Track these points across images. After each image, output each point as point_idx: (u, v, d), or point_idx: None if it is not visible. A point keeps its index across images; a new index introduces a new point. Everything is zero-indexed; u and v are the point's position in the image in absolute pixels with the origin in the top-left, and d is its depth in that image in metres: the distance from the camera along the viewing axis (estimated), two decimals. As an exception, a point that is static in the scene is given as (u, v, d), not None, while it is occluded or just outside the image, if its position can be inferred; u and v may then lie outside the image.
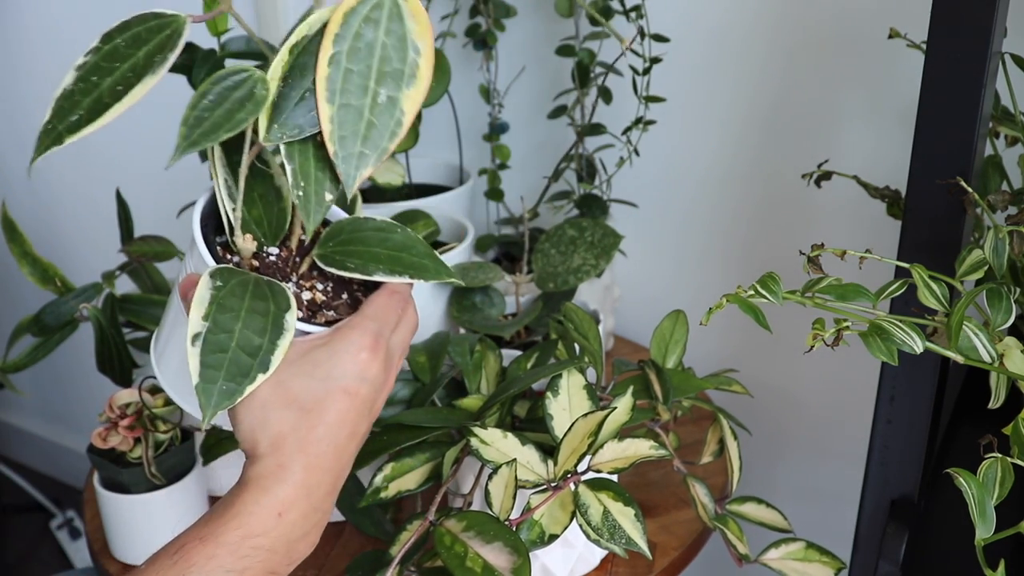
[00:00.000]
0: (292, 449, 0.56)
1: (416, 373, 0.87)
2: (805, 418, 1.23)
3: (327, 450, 0.57)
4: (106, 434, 0.85)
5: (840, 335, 0.56)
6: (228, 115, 0.55)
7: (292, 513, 0.56)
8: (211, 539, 0.54)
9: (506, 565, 0.65)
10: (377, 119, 0.59)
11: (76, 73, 0.53)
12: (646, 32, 1.06)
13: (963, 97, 0.59)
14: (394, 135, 0.60)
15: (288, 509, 0.56)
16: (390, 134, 0.59)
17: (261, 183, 0.63)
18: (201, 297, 0.55)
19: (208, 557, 0.54)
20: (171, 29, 0.55)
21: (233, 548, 0.54)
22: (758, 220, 1.16)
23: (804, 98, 1.08)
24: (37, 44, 1.61)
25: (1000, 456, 0.56)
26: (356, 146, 0.59)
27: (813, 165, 0.96)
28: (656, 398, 0.80)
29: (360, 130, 0.59)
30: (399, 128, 0.60)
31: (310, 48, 0.59)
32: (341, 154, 0.58)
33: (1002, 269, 0.62)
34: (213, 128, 0.54)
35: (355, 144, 0.59)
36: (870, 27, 0.96)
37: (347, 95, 0.59)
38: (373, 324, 0.58)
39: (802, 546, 0.77)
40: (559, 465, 0.71)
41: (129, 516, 0.87)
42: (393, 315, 0.60)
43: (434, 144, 1.24)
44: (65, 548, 1.89)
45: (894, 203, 0.88)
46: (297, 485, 0.56)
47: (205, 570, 0.53)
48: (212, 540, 0.54)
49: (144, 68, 0.54)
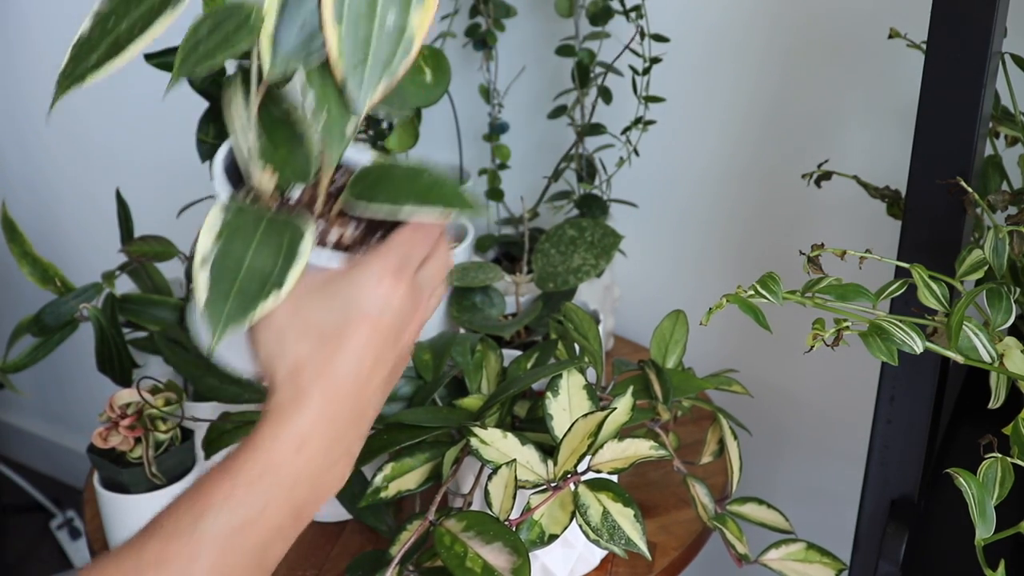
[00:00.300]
0: (310, 377, 0.54)
1: (419, 370, 0.87)
2: (805, 418, 1.23)
3: (348, 378, 0.55)
4: (106, 434, 0.85)
5: (840, 335, 0.56)
6: (224, 39, 0.53)
7: (313, 444, 0.54)
8: (228, 478, 0.52)
9: (506, 565, 0.65)
10: (386, 40, 0.57)
11: (93, 20, 0.52)
12: (646, 32, 1.06)
13: (963, 97, 0.59)
14: (405, 55, 0.57)
15: (308, 440, 0.54)
16: (401, 55, 0.57)
17: (283, 128, 0.60)
18: (212, 223, 0.52)
19: (225, 497, 0.52)
20: None
21: (251, 486, 0.52)
22: (758, 220, 1.16)
23: (804, 98, 1.08)
24: (39, 44, 1.61)
25: (1000, 456, 0.56)
26: (365, 70, 0.56)
27: (813, 165, 0.96)
28: (656, 398, 0.80)
29: (368, 52, 0.57)
30: (410, 47, 0.57)
31: None
32: (349, 76, 0.56)
33: (1002, 269, 0.62)
34: (208, 54, 0.52)
35: (363, 68, 0.56)
36: (870, 27, 0.96)
37: (354, 14, 0.56)
38: (397, 252, 0.56)
39: (802, 547, 0.77)
40: (559, 465, 0.71)
41: (129, 516, 0.87)
42: (420, 247, 0.58)
43: (434, 144, 1.24)
44: (65, 548, 1.89)
45: (894, 203, 0.88)
46: (317, 413, 0.54)
47: (223, 510, 0.52)
48: (229, 479, 0.52)
49: (161, 7, 0.53)
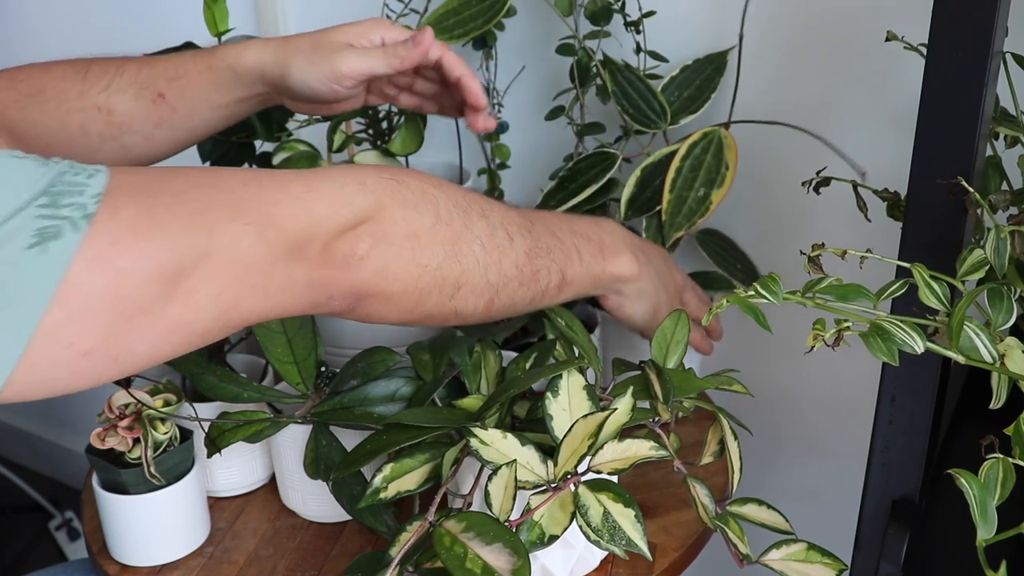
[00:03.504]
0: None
1: (419, 370, 0.87)
2: (806, 418, 1.23)
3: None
4: (105, 434, 0.85)
5: (841, 335, 0.56)
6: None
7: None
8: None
9: (506, 566, 0.65)
10: (693, 204, 1.00)
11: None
12: (642, 47, 1.07)
13: (965, 97, 0.59)
14: (701, 214, 1.00)
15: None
16: (699, 214, 1.00)
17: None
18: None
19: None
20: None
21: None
22: (758, 219, 1.16)
23: (804, 98, 1.08)
24: (40, 44, 1.61)
25: (1001, 457, 0.56)
26: (677, 218, 1.00)
27: (813, 165, 0.96)
28: (656, 398, 0.80)
29: (682, 210, 1.00)
30: (705, 211, 1.00)
31: (663, 161, 1.03)
32: (667, 221, 1.01)
33: (1003, 269, 0.62)
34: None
35: (676, 217, 1.00)
36: (869, 27, 0.96)
37: (678, 187, 1.01)
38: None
39: (803, 547, 0.77)
40: (559, 466, 0.71)
41: (128, 517, 0.87)
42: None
43: (434, 144, 1.24)
44: (64, 549, 1.89)
45: (894, 205, 0.88)
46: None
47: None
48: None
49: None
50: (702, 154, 1.02)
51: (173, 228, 0.53)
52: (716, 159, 1.02)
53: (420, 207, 0.66)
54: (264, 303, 0.59)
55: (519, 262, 0.72)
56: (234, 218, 0.56)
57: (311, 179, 0.62)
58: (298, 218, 0.59)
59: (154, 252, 0.52)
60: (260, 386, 0.90)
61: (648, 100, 1.05)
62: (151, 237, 0.52)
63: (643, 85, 1.05)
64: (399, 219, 0.65)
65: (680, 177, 1.01)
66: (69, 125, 0.82)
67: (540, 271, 0.74)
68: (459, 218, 0.69)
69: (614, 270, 0.83)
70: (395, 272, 0.65)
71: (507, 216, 0.73)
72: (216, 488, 0.96)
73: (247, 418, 0.86)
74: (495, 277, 0.71)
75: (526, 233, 0.74)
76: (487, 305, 0.72)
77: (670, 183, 1.01)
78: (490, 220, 0.71)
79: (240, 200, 0.57)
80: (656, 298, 0.88)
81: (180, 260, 0.53)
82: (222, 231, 0.55)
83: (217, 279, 0.55)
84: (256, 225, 0.57)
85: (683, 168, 1.02)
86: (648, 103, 1.05)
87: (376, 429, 0.81)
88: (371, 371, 0.88)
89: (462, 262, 0.68)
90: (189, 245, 0.53)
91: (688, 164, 1.02)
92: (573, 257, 0.78)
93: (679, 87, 1.08)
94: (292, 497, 0.94)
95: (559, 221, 0.81)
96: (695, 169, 1.01)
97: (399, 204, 0.65)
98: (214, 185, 0.57)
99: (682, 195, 1.01)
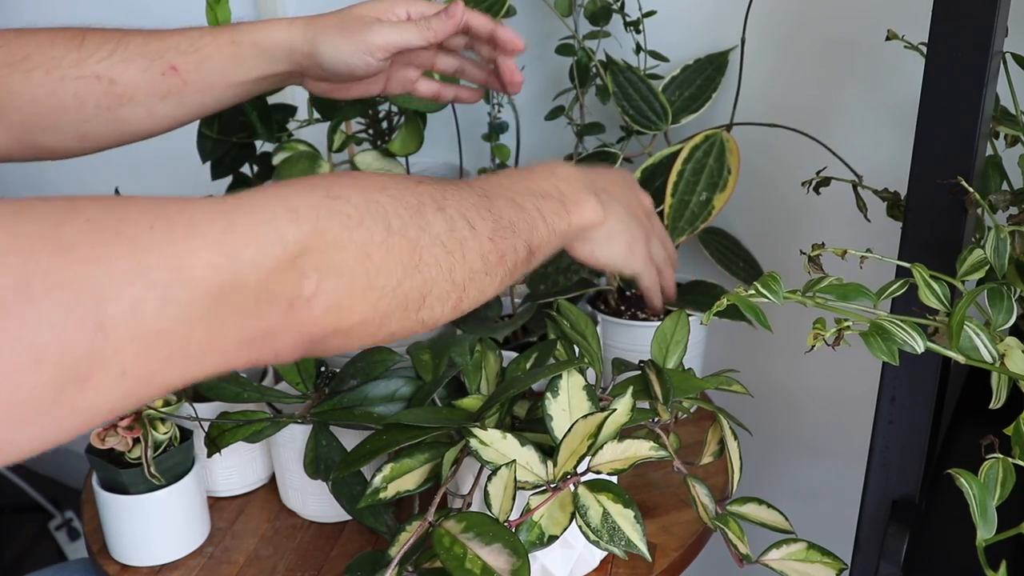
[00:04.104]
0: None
1: (419, 370, 0.87)
2: (806, 418, 1.23)
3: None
4: (105, 434, 0.85)
5: (841, 335, 0.56)
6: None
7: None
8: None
9: (505, 566, 0.65)
10: (696, 208, 1.00)
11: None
12: (643, 47, 1.07)
13: (965, 96, 0.59)
14: (704, 219, 1.00)
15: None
16: (702, 218, 1.00)
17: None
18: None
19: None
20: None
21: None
22: (758, 219, 1.16)
23: (804, 96, 1.08)
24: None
25: (1001, 457, 0.56)
26: (680, 223, 1.01)
27: (813, 165, 0.96)
28: (656, 398, 0.80)
29: (684, 214, 1.00)
30: (708, 216, 1.00)
31: (664, 163, 1.03)
32: (670, 226, 1.00)
33: (1003, 269, 0.62)
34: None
35: (679, 221, 1.01)
36: (869, 27, 0.96)
37: (680, 191, 1.01)
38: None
39: (803, 547, 0.77)
40: (559, 466, 0.71)
41: (128, 517, 0.87)
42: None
43: (434, 144, 1.24)
44: (64, 549, 1.89)
45: (894, 205, 0.88)
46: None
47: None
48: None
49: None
50: (704, 157, 1.02)
51: (50, 301, 0.42)
52: (718, 163, 1.01)
53: (366, 222, 0.58)
54: (187, 371, 0.49)
55: (483, 250, 0.66)
56: (133, 279, 0.45)
57: (233, 214, 0.51)
58: (218, 267, 0.49)
59: (26, 334, 0.41)
60: (260, 386, 0.90)
61: (649, 101, 1.04)
62: (21, 316, 0.41)
63: (644, 86, 1.05)
64: (344, 242, 0.56)
65: (682, 181, 1.01)
66: (60, 93, 0.79)
67: (506, 253, 0.68)
68: (413, 221, 0.61)
69: (579, 221, 0.77)
70: (350, 304, 0.56)
71: (464, 199, 0.67)
72: (216, 488, 0.96)
73: (247, 418, 0.86)
74: (461, 275, 0.64)
75: (486, 214, 0.67)
76: (455, 305, 0.65)
77: (672, 187, 1.01)
78: (447, 212, 0.64)
79: (143, 252, 0.46)
80: (627, 234, 0.82)
81: (64, 342, 0.42)
82: (117, 299, 0.44)
83: (117, 358, 0.44)
84: (162, 286, 0.46)
85: (685, 172, 1.01)
86: (649, 104, 1.04)
87: (376, 429, 0.81)
88: (371, 371, 0.88)
89: (424, 271, 0.61)
90: (76, 322, 0.42)
91: (690, 168, 1.01)
92: (538, 223, 0.72)
93: (680, 86, 1.07)
94: (292, 497, 0.94)
95: (516, 184, 0.74)
96: (697, 173, 1.01)
97: (341, 225, 0.56)
98: (111, 233, 0.46)
99: (684, 199, 1.00)
